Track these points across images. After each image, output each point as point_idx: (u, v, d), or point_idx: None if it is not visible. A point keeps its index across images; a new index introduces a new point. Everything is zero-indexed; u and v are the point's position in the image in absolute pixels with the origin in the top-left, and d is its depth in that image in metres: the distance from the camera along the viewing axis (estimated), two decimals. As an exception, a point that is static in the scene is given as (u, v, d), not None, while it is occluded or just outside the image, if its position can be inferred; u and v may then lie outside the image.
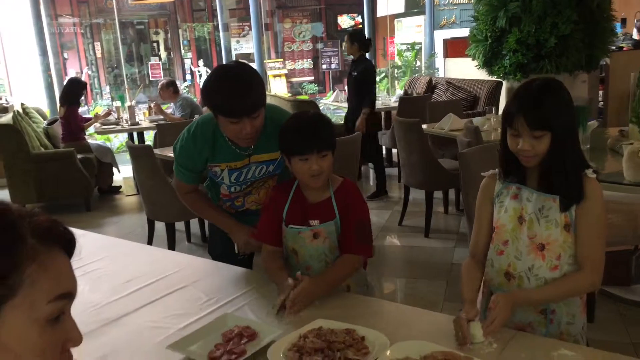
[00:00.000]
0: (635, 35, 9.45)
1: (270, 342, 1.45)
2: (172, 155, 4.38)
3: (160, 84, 6.11)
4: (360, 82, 5.39)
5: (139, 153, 3.87)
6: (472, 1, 6.11)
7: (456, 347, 1.37)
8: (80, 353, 1.39)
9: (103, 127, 6.23)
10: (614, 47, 7.38)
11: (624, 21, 10.24)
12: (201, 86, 1.96)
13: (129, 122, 6.22)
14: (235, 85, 1.82)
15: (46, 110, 7.80)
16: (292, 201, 1.87)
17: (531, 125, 1.48)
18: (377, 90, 6.61)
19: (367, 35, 5.92)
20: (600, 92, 7.69)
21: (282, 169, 2.11)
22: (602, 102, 7.65)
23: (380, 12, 11.21)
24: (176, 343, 1.47)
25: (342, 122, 5.97)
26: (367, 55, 5.48)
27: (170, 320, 1.64)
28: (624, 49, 7.99)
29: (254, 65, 11.06)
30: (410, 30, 10.58)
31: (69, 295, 0.71)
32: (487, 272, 1.65)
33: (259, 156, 2.03)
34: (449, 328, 1.47)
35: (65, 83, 6.35)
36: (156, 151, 4.22)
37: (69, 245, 0.72)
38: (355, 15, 13.96)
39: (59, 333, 0.71)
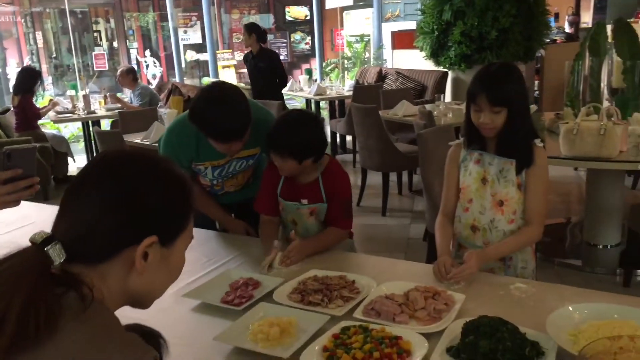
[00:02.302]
0: (567, 29, 10.12)
1: (274, 288, 1.68)
2: (137, 141, 4.49)
3: (119, 70, 6.15)
4: (272, 71, 5.71)
5: (108, 139, 3.97)
6: (420, -5, 6.44)
7: (433, 284, 1.64)
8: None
9: (59, 115, 6.20)
10: (548, 40, 7.93)
11: (557, 16, 10.92)
12: (189, 109, 1.96)
13: (85, 111, 6.22)
14: (224, 113, 1.88)
15: (-7, 100, 7.64)
16: (285, 178, 2.06)
17: (492, 102, 1.76)
18: (328, 79, 6.80)
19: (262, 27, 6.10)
20: (536, 82, 8.24)
21: (258, 162, 2.28)
22: (537, 91, 8.20)
23: (329, 4, 11.45)
24: (191, 292, 1.68)
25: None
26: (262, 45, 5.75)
27: (179, 278, 1.83)
28: (557, 41, 8.58)
29: (207, 56, 11.10)
30: (358, 23, 10.88)
31: (193, 237, 1.00)
32: (456, 226, 1.95)
33: (240, 153, 2.15)
34: (424, 273, 1.75)
35: (18, 72, 6.26)
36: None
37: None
38: (304, 6, 14.15)
39: None
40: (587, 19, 11.04)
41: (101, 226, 0.85)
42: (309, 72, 7.62)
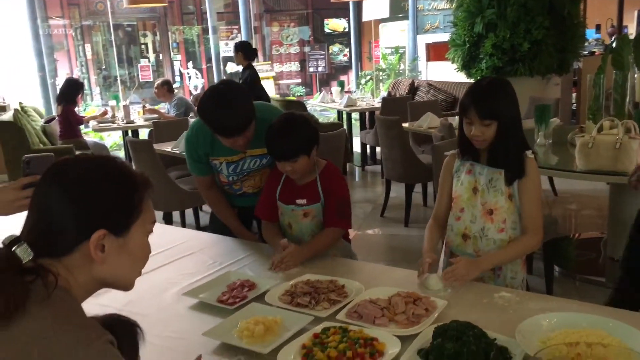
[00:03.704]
0: (608, 41, 9.90)
1: (267, 290, 1.77)
2: (168, 150, 4.68)
3: (156, 83, 6.42)
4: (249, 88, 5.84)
5: (139, 147, 4.16)
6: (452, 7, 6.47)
7: (417, 291, 1.70)
8: (110, 299, 1.70)
9: (100, 124, 6.50)
10: (585, 52, 7.81)
11: (598, 27, 10.71)
12: (197, 107, 2.16)
13: (124, 121, 6.50)
14: (225, 110, 2.03)
15: (41, 109, 8.04)
16: (283, 182, 2.18)
17: (481, 115, 1.82)
18: (362, 90, 6.79)
19: (254, 46, 6.29)
20: (574, 95, 8.10)
21: (273, 162, 2.39)
22: (575, 104, 8.06)
23: (366, 16, 11.56)
24: (191, 291, 1.79)
25: (329, 121, 6.32)
26: (253, 63, 5.93)
27: (183, 277, 1.96)
28: (596, 53, 8.42)
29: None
30: (394, 35, 10.95)
31: (155, 221, 1.10)
32: (448, 235, 2.01)
33: (254, 151, 2.29)
34: (411, 280, 1.81)
35: (63, 83, 6.61)
36: (154, 146, 4.50)
37: (151, 190, 1.09)
38: (343, 18, 14.31)
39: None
40: (632, 30, 10.78)
41: (53, 226, 0.97)
42: (341, 83, 7.73)
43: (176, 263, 2.10)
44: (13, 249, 0.93)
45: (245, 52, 5.85)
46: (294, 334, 1.48)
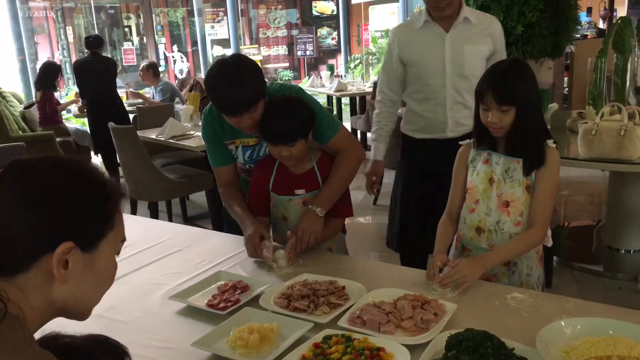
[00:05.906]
0: (601, 24, 9.81)
1: (261, 292, 1.64)
2: (153, 137, 4.51)
3: (141, 65, 6.21)
4: None
5: (122, 134, 3.98)
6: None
7: (424, 292, 1.58)
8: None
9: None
10: (578, 36, 7.70)
11: (589, 10, 10.62)
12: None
13: (108, 106, 6.27)
14: (228, 85, 1.82)
15: (21, 94, 7.77)
16: (277, 173, 2.03)
17: (498, 101, 1.69)
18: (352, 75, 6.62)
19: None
20: (566, 79, 8.00)
21: None
22: (567, 88, 7.96)
23: (355, -1, 11.36)
24: (178, 294, 1.65)
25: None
26: (100, 51, 5.99)
27: (169, 278, 1.81)
28: (589, 37, 8.31)
29: (230, 52, 11.11)
30: (384, 18, 10.74)
31: (124, 240, 0.96)
32: (460, 228, 1.89)
33: None
34: (415, 279, 1.69)
35: (40, 67, 6.37)
36: (138, 133, 4.32)
37: (124, 200, 0.96)
38: (331, 0, 14.06)
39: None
40: (623, 13, 10.69)
41: (11, 234, 0.81)
42: (331, 67, 7.57)
43: (160, 262, 1.95)
44: None
45: (88, 42, 6.01)
46: (292, 343, 1.36)
